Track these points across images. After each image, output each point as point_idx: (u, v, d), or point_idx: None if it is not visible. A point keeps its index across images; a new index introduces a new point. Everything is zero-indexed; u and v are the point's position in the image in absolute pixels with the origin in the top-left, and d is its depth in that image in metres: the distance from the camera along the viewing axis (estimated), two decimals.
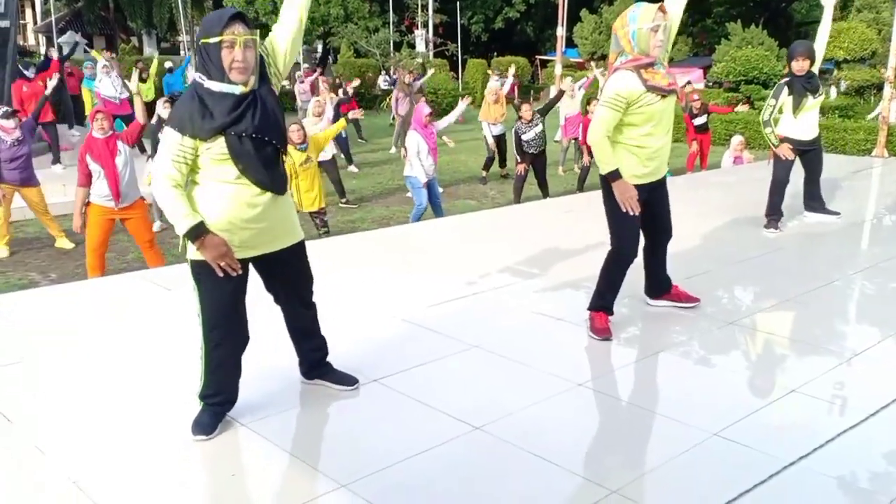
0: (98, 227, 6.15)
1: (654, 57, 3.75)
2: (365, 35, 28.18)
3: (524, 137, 9.91)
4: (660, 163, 3.97)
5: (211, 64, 2.75)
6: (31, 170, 7.79)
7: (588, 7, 31.44)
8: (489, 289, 4.88)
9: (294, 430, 3.13)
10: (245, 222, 2.86)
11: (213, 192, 2.82)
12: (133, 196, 6.26)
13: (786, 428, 3.09)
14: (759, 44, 23.55)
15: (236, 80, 2.75)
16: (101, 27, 36.15)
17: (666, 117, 3.89)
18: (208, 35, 2.74)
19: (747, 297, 5.01)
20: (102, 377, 3.54)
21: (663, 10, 3.74)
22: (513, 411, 3.20)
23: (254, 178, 2.83)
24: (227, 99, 2.75)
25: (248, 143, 2.79)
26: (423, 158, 8.32)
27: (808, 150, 6.52)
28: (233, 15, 2.73)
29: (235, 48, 2.71)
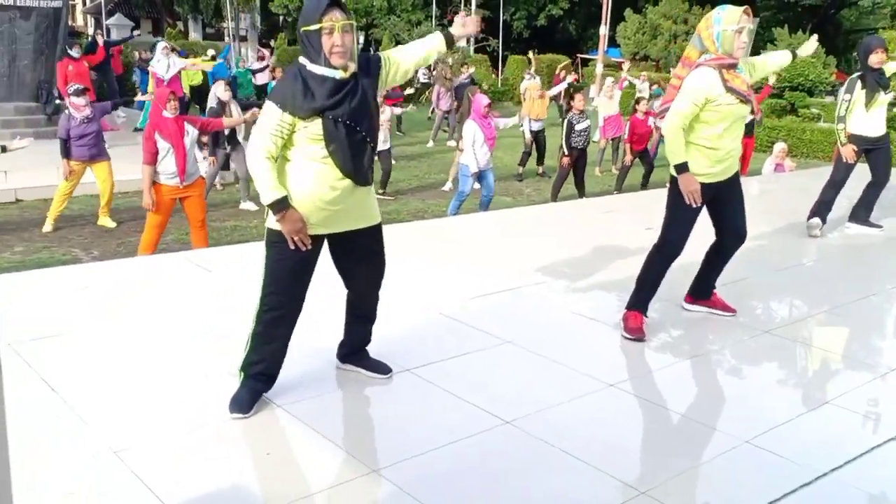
0: (163, 205, 6.31)
1: (737, 59, 3.82)
2: (407, 28, 28.28)
3: (577, 127, 9.90)
4: (730, 163, 4.01)
5: (312, 49, 2.90)
6: (100, 146, 7.98)
7: (632, 7, 31.16)
8: (525, 285, 4.90)
9: (328, 414, 3.18)
10: (324, 202, 2.98)
11: (300, 170, 2.97)
12: (195, 174, 6.42)
13: (818, 439, 3.08)
14: None
15: (336, 63, 2.89)
16: (149, 10, 36.70)
17: (739, 122, 3.93)
18: (308, 23, 2.88)
19: (784, 306, 4.97)
20: (143, 352, 3.63)
21: (748, 14, 3.79)
22: (544, 408, 3.23)
23: (339, 162, 2.95)
24: (327, 82, 2.90)
25: (342, 128, 2.92)
26: (477, 148, 8.39)
27: (873, 147, 6.46)
28: (330, 2, 2.87)
29: (334, 33, 2.85)
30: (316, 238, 3.03)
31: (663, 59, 30.04)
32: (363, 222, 3.15)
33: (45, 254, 7.01)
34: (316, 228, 3.01)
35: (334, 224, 3.06)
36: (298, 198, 2.95)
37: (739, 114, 3.88)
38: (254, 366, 3.12)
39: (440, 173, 12.17)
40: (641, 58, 29.12)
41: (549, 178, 11.78)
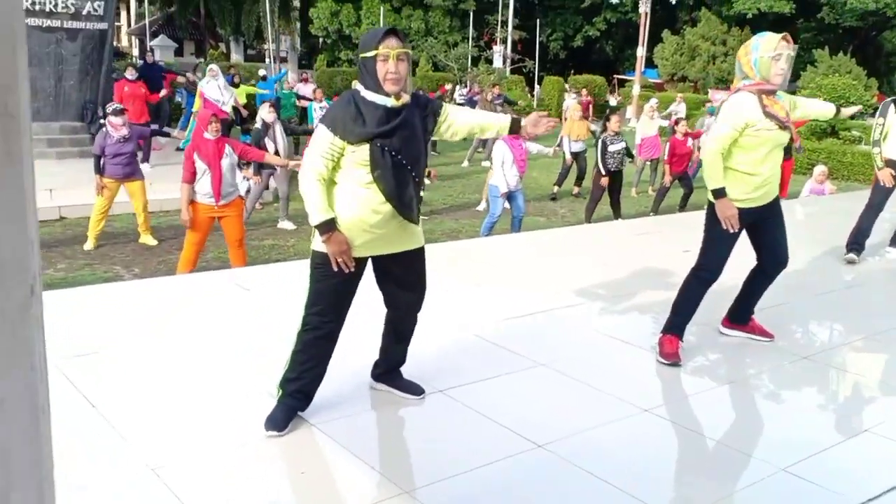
0: (200, 224, 6.45)
1: (776, 85, 3.81)
2: (444, 49, 28.52)
3: (611, 149, 9.90)
4: (768, 189, 3.99)
5: (368, 76, 2.98)
6: (133, 165, 8.18)
7: (670, 28, 31.08)
8: (558, 307, 4.90)
9: (361, 434, 3.21)
10: (368, 226, 3.04)
11: (346, 193, 3.03)
12: (232, 195, 6.54)
13: (856, 468, 3.02)
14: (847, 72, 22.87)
15: (390, 90, 2.96)
16: (192, 32, 37.48)
17: (777, 149, 3.91)
18: (366, 50, 2.97)
19: (823, 331, 4.89)
20: (182, 370, 3.70)
21: (787, 41, 3.80)
22: (577, 432, 3.22)
23: (383, 187, 3.00)
24: (379, 110, 2.97)
25: (388, 158, 2.99)
26: (506, 169, 8.39)
27: None
28: (387, 31, 2.97)
29: (389, 61, 2.92)
30: (359, 260, 3.09)
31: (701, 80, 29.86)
32: (406, 245, 3.20)
33: (87, 271, 7.18)
34: (359, 251, 3.07)
35: (377, 247, 3.12)
36: (344, 221, 3.01)
37: (778, 140, 3.87)
38: (291, 383, 3.16)
39: (475, 193, 12.21)
40: (679, 79, 29.02)
41: (583, 198, 11.75)
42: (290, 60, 39.64)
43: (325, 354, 3.19)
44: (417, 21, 34.86)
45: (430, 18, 35.05)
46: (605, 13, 36.19)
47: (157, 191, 9.06)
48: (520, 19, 34.20)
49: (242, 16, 34.97)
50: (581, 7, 36.55)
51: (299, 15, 38.51)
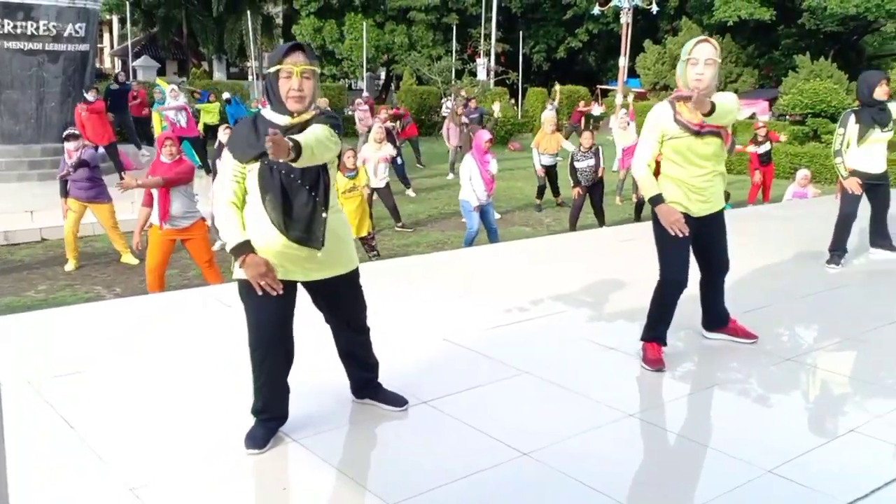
0: (157, 248, 6.36)
1: (692, 91, 3.67)
2: (428, 63, 28.59)
3: (577, 166, 9.95)
4: (706, 200, 3.92)
5: (271, 92, 2.88)
6: (98, 188, 8.11)
7: (652, 38, 31.31)
8: (542, 315, 4.88)
9: (344, 448, 3.17)
10: (282, 246, 2.90)
11: (253, 216, 2.92)
12: (191, 218, 6.44)
13: (843, 468, 3.01)
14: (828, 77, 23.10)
15: (292, 108, 2.85)
16: (175, 52, 37.45)
17: (700, 157, 3.83)
18: (270, 65, 2.88)
19: (807, 333, 4.89)
20: (161, 388, 3.65)
21: (708, 42, 3.76)
22: (562, 439, 3.19)
23: (271, 215, 2.86)
24: (273, 126, 2.80)
25: (277, 178, 2.83)
26: (474, 184, 8.35)
27: (875, 184, 6.34)
28: (293, 45, 2.87)
29: (293, 77, 2.81)
30: (289, 282, 2.96)
31: None
32: (338, 269, 3.06)
33: (68, 292, 7.11)
34: (285, 274, 2.93)
35: (304, 270, 2.98)
36: (260, 244, 2.89)
37: (695, 148, 3.78)
38: (261, 413, 3.11)
39: (458, 205, 12.21)
40: (662, 87, 29.20)
41: (567, 206, 11.77)
42: None
43: (282, 379, 3.10)
44: (401, 36, 34.99)
45: (414, 33, 35.19)
46: (587, 24, 36.40)
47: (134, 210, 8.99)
48: (503, 32, 34.39)
49: (225, 34, 35.02)
50: (563, 19, 36.77)
51: (282, 32, 38.63)
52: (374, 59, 34.83)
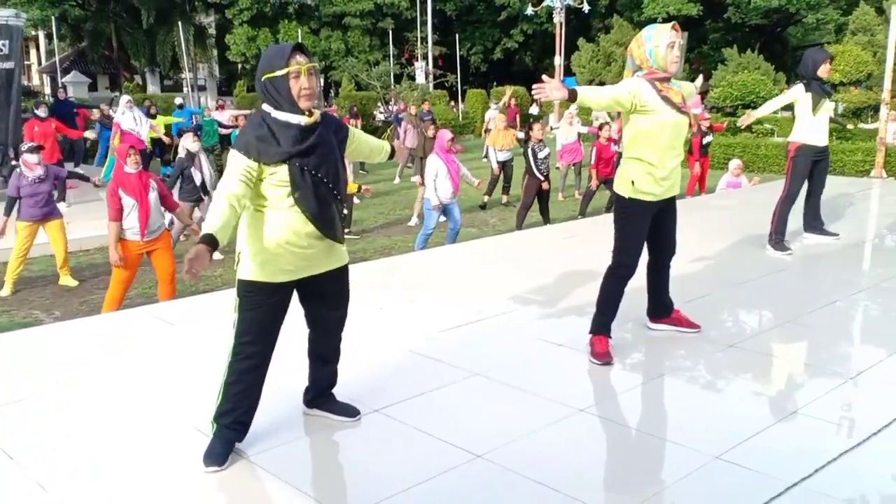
0: (129, 261, 6.24)
1: (672, 73, 3.90)
2: (366, 68, 28.50)
3: (540, 155, 10.05)
4: (672, 182, 4.06)
5: (279, 95, 2.90)
6: (51, 205, 7.90)
7: (585, 36, 31.76)
8: (491, 316, 4.90)
9: (297, 462, 3.13)
10: (294, 247, 2.98)
11: (270, 218, 2.96)
12: (160, 229, 6.38)
13: (788, 449, 3.09)
14: (756, 68, 23.75)
15: (305, 106, 2.91)
16: (105, 66, 36.59)
17: (678, 137, 3.98)
18: (273, 69, 2.89)
19: (748, 319, 5.02)
20: (105, 413, 3.55)
21: (676, 29, 3.88)
22: (515, 438, 3.21)
23: (305, 208, 2.95)
24: (292, 129, 2.91)
25: (308, 178, 2.93)
26: (438, 183, 8.39)
27: (819, 158, 6.55)
28: (294, 47, 2.91)
29: (301, 77, 2.88)
30: (287, 285, 3.05)
31: None
32: (332, 264, 3.15)
33: (5, 318, 6.87)
34: (287, 275, 3.02)
35: (305, 269, 3.06)
36: (270, 246, 2.95)
37: (677, 126, 3.94)
38: (227, 415, 3.06)
39: (406, 209, 12.21)
40: (597, 84, 29.62)
41: (513, 206, 11.87)
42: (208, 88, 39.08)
43: (258, 383, 3.11)
44: (337, 42, 34.79)
45: (350, 38, 35.03)
46: (521, 25, 36.74)
47: (76, 230, 8.76)
48: (439, 35, 34.51)
49: (157, 46, 34.37)
50: (498, 20, 37.05)
51: (215, 42, 38.06)
52: None
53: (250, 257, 2.99)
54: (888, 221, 8.12)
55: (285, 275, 3.01)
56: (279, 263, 2.98)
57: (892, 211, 8.79)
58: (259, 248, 2.98)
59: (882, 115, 13.70)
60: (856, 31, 22.48)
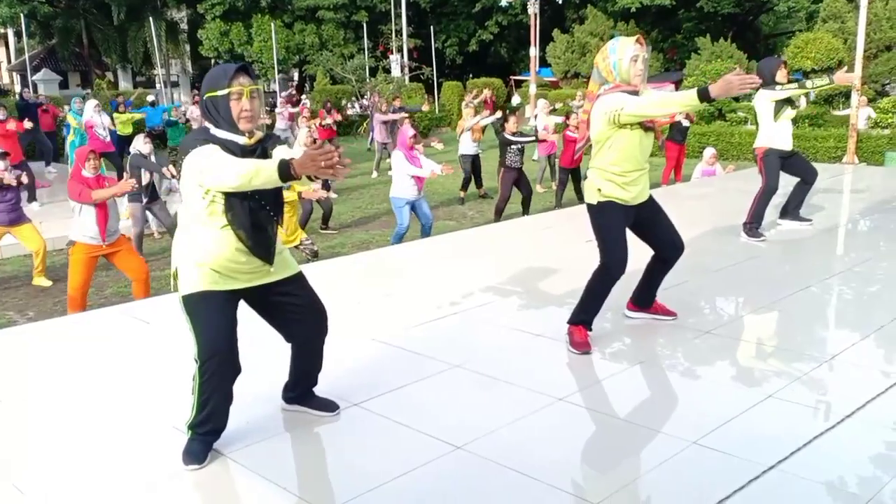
0: (83, 266, 6.16)
1: (636, 86, 3.88)
2: (340, 62, 28.28)
3: (514, 147, 10.03)
4: (641, 188, 4.06)
5: (219, 115, 2.86)
6: (19, 210, 7.82)
7: (560, 27, 31.79)
8: (469, 308, 4.91)
9: (277, 458, 3.11)
10: (230, 262, 2.92)
11: (202, 234, 2.90)
12: (117, 232, 6.29)
13: (764, 433, 3.13)
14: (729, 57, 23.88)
15: (244, 128, 2.87)
16: (76, 63, 36.06)
17: (644, 149, 3.98)
18: (215, 88, 2.85)
19: (724, 305, 5.07)
20: (81, 413, 3.51)
21: (641, 42, 3.87)
22: (494, 429, 3.22)
23: (239, 232, 2.88)
24: (232, 147, 2.84)
25: (246, 201, 2.86)
26: (402, 180, 8.30)
27: (788, 157, 6.64)
28: (238, 67, 2.86)
29: (243, 98, 2.83)
30: (232, 293, 2.98)
31: None
32: (278, 275, 3.08)
33: None
34: (230, 283, 2.95)
35: (248, 279, 2.99)
36: (209, 261, 2.90)
37: (642, 140, 3.94)
38: (201, 426, 3.03)
39: (383, 203, 12.16)
40: (573, 75, 29.67)
41: (491, 198, 11.87)
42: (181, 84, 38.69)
43: (228, 391, 3.06)
44: (311, 35, 34.52)
45: (324, 32, 34.76)
46: (496, 17, 36.67)
47: (48, 229, 8.64)
48: (414, 27, 34.34)
49: (128, 42, 33.92)
50: (472, 12, 36.95)
51: (188, 38, 37.63)
52: (285, 60, 34.29)
53: (188, 271, 2.93)
54: (860, 207, 8.23)
55: (227, 283, 2.94)
56: (218, 275, 2.92)
57: (863, 196, 8.90)
58: (196, 262, 2.91)
59: (853, 101, 13.86)
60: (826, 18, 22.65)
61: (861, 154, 14.28)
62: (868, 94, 17.85)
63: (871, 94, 18.96)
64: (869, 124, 15.67)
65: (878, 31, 19.96)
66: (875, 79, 20.08)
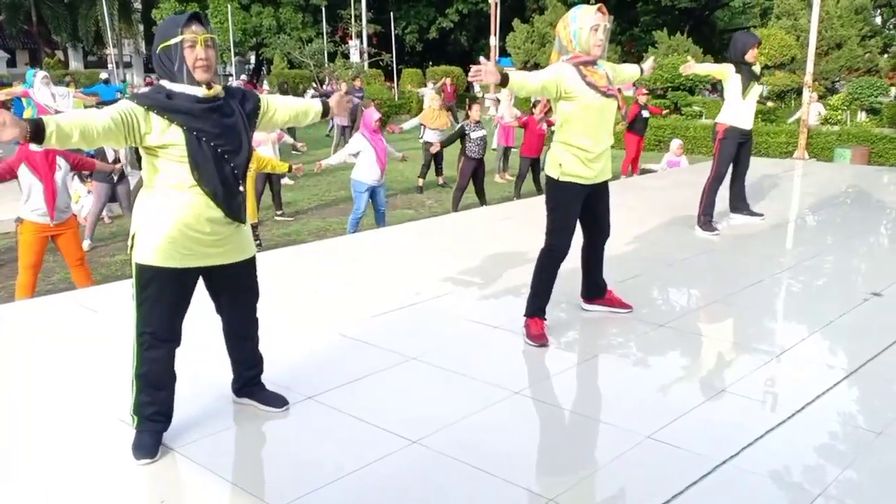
0: (34, 245, 5.94)
1: (595, 56, 3.88)
2: (298, 46, 27.92)
3: (472, 136, 10.01)
4: (603, 166, 4.06)
5: (174, 66, 2.75)
6: None
7: (520, 17, 31.81)
8: (427, 299, 4.87)
9: (227, 453, 3.04)
10: (195, 232, 2.84)
11: (166, 198, 2.81)
12: (67, 211, 6.09)
13: (716, 427, 3.16)
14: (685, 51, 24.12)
15: (201, 78, 2.77)
16: (25, 41, 35.04)
17: (605, 120, 3.98)
18: (167, 38, 2.75)
19: (679, 298, 5.12)
20: (26, 405, 3.39)
21: (602, 12, 3.86)
22: (450, 423, 3.19)
23: (208, 189, 2.80)
24: (190, 98, 2.76)
25: (208, 150, 2.77)
26: (365, 163, 8.20)
27: (745, 141, 6.72)
28: (190, 15, 2.77)
29: (197, 46, 2.74)
30: (191, 271, 2.90)
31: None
32: (239, 255, 3.02)
33: None
34: (188, 259, 2.87)
35: (210, 255, 2.92)
36: (170, 229, 2.80)
37: (604, 110, 3.94)
38: (146, 407, 2.94)
39: (340, 190, 12.05)
40: (532, 66, 29.72)
41: (449, 187, 11.84)
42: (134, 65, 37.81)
43: (170, 369, 2.98)
44: (268, 18, 33.99)
45: (282, 15, 34.26)
46: (457, 4, 36.52)
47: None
48: (373, 13, 33.99)
49: (79, 21, 33.03)
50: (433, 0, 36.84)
51: (141, 17, 36.79)
52: (241, 42, 33.71)
53: (146, 239, 2.82)
54: (811, 201, 8.39)
55: (185, 259, 2.84)
56: (177, 247, 2.81)
57: (814, 191, 9.08)
58: (155, 231, 2.81)
59: (804, 97, 14.13)
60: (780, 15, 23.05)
61: (811, 150, 14.58)
62: (819, 91, 18.24)
63: (822, 90, 19.38)
64: (819, 120, 16.01)
65: (829, 28, 20.37)
66: (826, 76, 20.51)
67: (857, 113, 17.97)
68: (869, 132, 15.05)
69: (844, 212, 7.91)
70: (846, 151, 13.69)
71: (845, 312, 4.58)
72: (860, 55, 20.84)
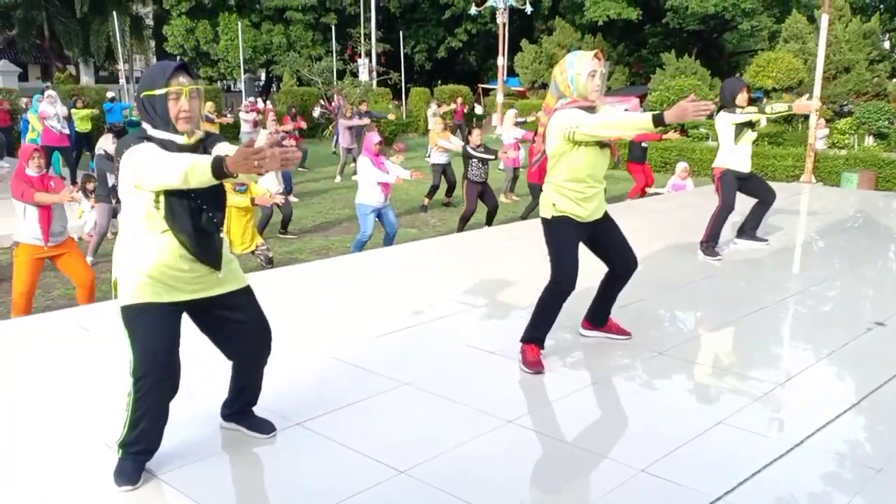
0: (27, 268, 5.92)
1: (593, 102, 3.85)
2: (307, 64, 28.06)
3: (474, 160, 9.99)
4: (596, 205, 4.02)
5: (156, 115, 2.74)
6: None
7: (528, 37, 31.95)
8: (424, 322, 4.82)
9: (212, 480, 2.98)
10: (173, 270, 2.80)
11: (142, 241, 2.78)
12: (63, 234, 6.07)
13: (712, 462, 3.08)
14: (693, 73, 24.19)
15: (183, 129, 2.76)
16: (37, 56, 35.32)
17: (598, 169, 3.95)
18: (152, 87, 2.73)
19: (680, 325, 5.05)
20: (12, 425, 3.35)
21: (599, 57, 3.83)
22: (440, 453, 3.13)
23: (181, 237, 2.77)
24: (171, 147, 2.72)
25: (185, 198, 2.74)
26: (368, 186, 8.19)
27: (746, 179, 6.67)
28: (177, 67, 2.75)
29: (181, 98, 2.72)
30: (174, 305, 2.85)
31: None
32: (225, 288, 2.96)
33: None
34: (172, 293, 2.82)
35: (192, 291, 2.87)
36: (149, 268, 2.76)
37: (598, 156, 3.91)
38: (132, 445, 2.89)
39: (345, 208, 12.03)
40: (540, 86, 29.80)
41: (454, 206, 11.80)
42: None
43: (165, 411, 2.93)
44: (279, 36, 34.22)
45: (292, 33, 34.49)
46: (465, 24, 36.69)
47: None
48: (383, 32, 34.19)
49: (91, 36, 33.28)
50: (442, 19, 36.95)
51: (153, 33, 37.08)
52: (251, 60, 33.94)
53: (128, 281, 2.79)
54: (817, 226, 8.32)
55: (170, 293, 2.80)
56: (160, 284, 2.78)
57: (820, 216, 9.01)
58: (136, 271, 2.78)
59: (812, 121, 14.09)
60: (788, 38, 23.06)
61: (818, 174, 14.51)
62: (826, 115, 18.20)
63: (830, 114, 19.33)
64: (826, 144, 15.95)
65: (837, 52, 20.36)
66: (833, 99, 20.47)
67: (865, 137, 17.90)
68: (876, 157, 14.96)
69: (850, 238, 7.83)
70: (853, 176, 13.61)
71: (848, 342, 4.50)
72: (868, 79, 20.81)
